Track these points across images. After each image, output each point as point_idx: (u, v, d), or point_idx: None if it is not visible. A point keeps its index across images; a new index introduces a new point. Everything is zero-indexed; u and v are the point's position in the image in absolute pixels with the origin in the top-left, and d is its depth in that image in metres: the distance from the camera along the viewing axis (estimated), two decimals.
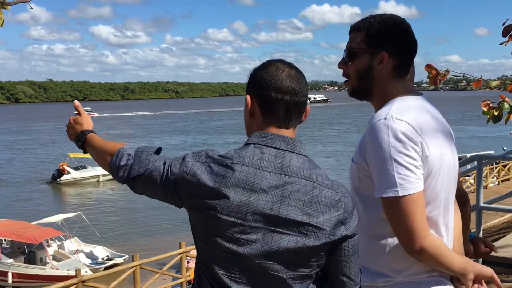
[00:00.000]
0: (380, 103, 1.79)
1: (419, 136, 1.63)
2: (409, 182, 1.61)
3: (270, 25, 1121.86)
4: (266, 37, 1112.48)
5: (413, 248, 1.64)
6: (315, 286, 1.54)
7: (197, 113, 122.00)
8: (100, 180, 37.57)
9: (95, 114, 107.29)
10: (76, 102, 1.97)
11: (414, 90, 1.84)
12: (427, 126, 1.68)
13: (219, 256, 1.46)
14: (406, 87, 1.81)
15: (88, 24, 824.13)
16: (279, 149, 1.48)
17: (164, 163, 1.53)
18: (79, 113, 1.95)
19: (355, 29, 1.82)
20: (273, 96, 1.50)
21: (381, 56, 1.76)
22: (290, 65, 1.55)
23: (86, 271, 16.30)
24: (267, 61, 1.58)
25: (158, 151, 1.62)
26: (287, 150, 1.48)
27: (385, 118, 1.64)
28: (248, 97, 1.55)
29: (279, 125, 1.52)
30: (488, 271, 1.73)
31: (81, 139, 1.85)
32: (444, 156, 1.72)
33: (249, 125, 1.58)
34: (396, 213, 1.63)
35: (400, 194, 1.60)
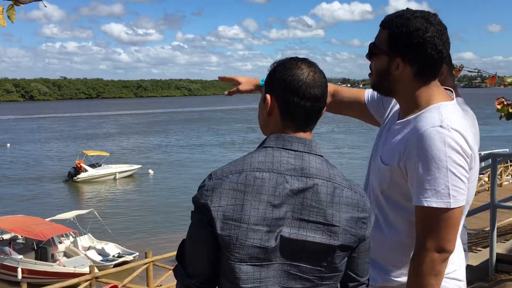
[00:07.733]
0: (408, 103, 1.72)
1: (469, 149, 1.59)
2: (461, 195, 1.57)
3: (281, 23, 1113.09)
4: (277, 34, 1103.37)
5: (441, 251, 1.57)
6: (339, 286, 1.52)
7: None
8: (117, 177, 37.49)
9: None
10: None
11: (446, 93, 1.76)
12: (471, 137, 1.62)
13: (239, 263, 1.40)
14: (437, 91, 1.71)
15: (100, 22, 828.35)
16: (297, 151, 1.46)
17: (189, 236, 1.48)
18: None
19: (382, 25, 1.72)
20: (295, 101, 1.46)
21: (397, 62, 1.68)
22: (315, 69, 1.50)
23: None
24: (290, 59, 1.52)
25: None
26: (305, 152, 1.47)
27: (441, 126, 1.58)
28: (268, 97, 1.50)
29: (298, 128, 1.49)
30: None
31: None
32: (476, 166, 1.68)
33: (266, 123, 1.54)
34: (440, 223, 1.57)
35: (452, 206, 1.56)
